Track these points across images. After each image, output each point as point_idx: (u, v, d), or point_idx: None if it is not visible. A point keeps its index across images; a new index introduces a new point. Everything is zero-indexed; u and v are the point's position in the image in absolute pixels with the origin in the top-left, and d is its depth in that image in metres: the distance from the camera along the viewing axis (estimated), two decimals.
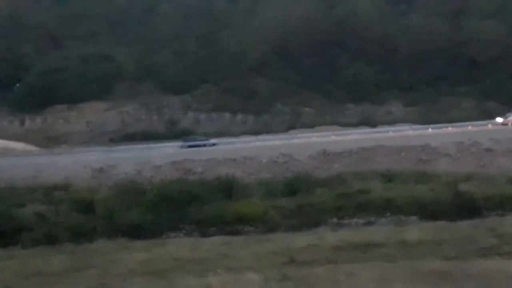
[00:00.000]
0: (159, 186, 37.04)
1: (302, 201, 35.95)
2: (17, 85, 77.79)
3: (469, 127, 50.45)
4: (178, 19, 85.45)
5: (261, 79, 74.92)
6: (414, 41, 74.52)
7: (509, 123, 50.63)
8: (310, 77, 73.79)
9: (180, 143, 55.27)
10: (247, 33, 78.66)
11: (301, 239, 27.38)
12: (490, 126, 50.88)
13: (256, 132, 65.14)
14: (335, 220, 34.21)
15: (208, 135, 61.39)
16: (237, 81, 74.75)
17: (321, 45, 76.31)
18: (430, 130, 50.56)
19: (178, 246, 28.42)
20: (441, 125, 52.39)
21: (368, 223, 33.32)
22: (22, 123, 74.09)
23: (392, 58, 74.94)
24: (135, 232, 31.13)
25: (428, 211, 33.81)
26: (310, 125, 64.94)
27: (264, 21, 79.80)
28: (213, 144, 54.04)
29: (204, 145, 53.69)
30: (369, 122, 64.99)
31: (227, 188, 36.75)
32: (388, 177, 39.91)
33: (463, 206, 33.93)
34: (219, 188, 36.60)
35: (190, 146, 53.66)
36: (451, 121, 55.20)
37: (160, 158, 43.73)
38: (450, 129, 50.65)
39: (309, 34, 76.60)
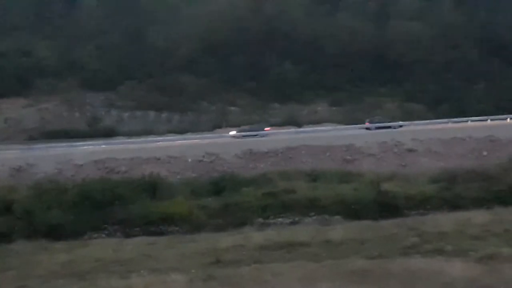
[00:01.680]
0: (80, 186, 36.05)
1: (227, 200, 35.79)
2: None
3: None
4: (102, 13, 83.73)
5: (188, 77, 74.36)
6: (340, 42, 75.62)
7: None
8: (237, 76, 73.80)
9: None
10: (174, 29, 77.92)
11: (227, 239, 27.27)
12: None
13: (181, 131, 64.56)
14: (260, 219, 34.16)
15: (132, 134, 60.38)
16: (162, 79, 73.94)
17: (248, 44, 76.45)
18: (355, 130, 51.19)
19: (101, 247, 27.80)
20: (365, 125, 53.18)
21: (293, 223, 33.44)
22: None
23: (318, 58, 75.79)
24: (56, 232, 30.24)
25: (352, 211, 34.21)
26: (237, 124, 64.89)
27: (191, 17, 79.30)
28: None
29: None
30: (295, 122, 65.45)
31: (151, 188, 36.15)
32: (313, 177, 40.18)
33: (386, 205, 34.48)
34: (143, 188, 35.96)
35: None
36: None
37: (82, 156, 42.58)
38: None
39: (237, 32, 76.65)
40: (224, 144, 46.42)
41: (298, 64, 75.02)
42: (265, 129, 54.36)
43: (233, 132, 52.83)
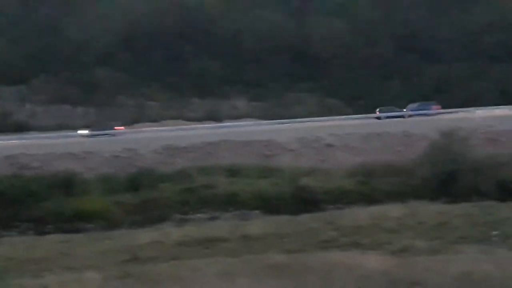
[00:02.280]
0: None
1: (145, 196, 35.38)
2: None
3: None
4: (15, 4, 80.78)
5: (104, 71, 72.78)
6: (260, 37, 75.78)
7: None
8: (155, 70, 72.83)
9: None
10: (90, 22, 76.01)
11: (144, 236, 26.82)
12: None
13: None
14: (179, 215, 33.93)
15: (46, 129, 58.67)
16: (78, 72, 72.02)
17: (167, 38, 75.57)
18: (274, 125, 51.40)
19: (12, 245, 26.85)
20: (285, 120, 53.49)
21: (213, 218, 33.32)
22: None
23: (238, 53, 75.73)
24: None
25: (271, 205, 34.39)
26: (155, 119, 64.09)
27: (109, 10, 77.61)
28: None
29: None
30: (214, 117, 65.26)
31: (66, 184, 35.24)
32: (233, 172, 40.14)
33: (305, 200, 34.84)
34: (57, 184, 35.00)
35: None
36: (294, 116, 56.60)
37: None
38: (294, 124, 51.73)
39: (155, 26, 75.66)
40: (142, 139, 45.71)
41: (218, 59, 74.75)
42: (115, 128, 53.91)
43: (82, 131, 51.89)
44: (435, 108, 56.14)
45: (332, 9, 79.24)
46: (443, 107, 54.90)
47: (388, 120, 51.12)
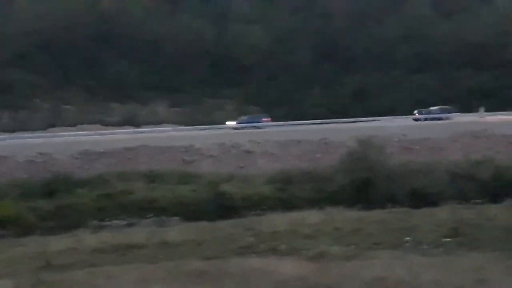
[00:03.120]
0: None
1: (61, 202, 34.63)
2: None
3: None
4: None
5: (19, 73, 70.43)
6: (181, 42, 75.43)
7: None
8: (72, 74, 71.21)
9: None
10: (4, 23, 73.64)
11: (59, 242, 26.09)
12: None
13: (11, 130, 61.16)
14: (96, 222, 33.29)
15: None
16: None
17: (85, 41, 74.10)
18: (194, 131, 51.26)
19: None
20: (205, 126, 53.43)
21: (130, 225, 32.86)
22: None
23: (159, 58, 75.16)
24: None
25: (190, 212, 34.29)
26: (72, 123, 62.69)
27: (24, 11, 75.41)
28: None
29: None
30: (133, 122, 64.44)
31: None
32: (152, 178, 39.86)
33: (224, 206, 34.89)
34: None
35: None
36: (214, 123, 56.62)
37: None
38: (213, 130, 51.75)
39: (73, 29, 73.99)
40: (58, 144, 44.63)
41: (137, 63, 73.89)
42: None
43: None
44: (265, 120, 57.18)
45: (252, 17, 79.75)
46: (361, 116, 56.02)
47: (306, 127, 51.72)
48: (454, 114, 56.81)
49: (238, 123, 55.24)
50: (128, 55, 73.81)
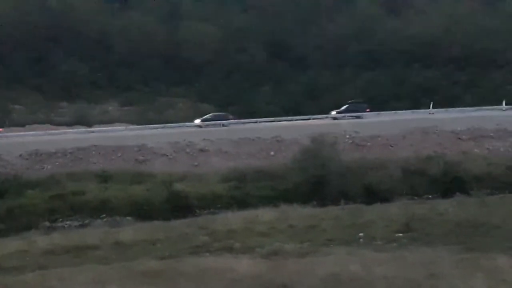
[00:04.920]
0: None
1: (10, 204, 34.09)
2: None
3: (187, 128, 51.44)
4: None
5: None
6: (131, 41, 74.60)
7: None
8: (21, 73, 69.71)
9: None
10: None
11: (9, 245, 25.73)
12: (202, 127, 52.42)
13: None
14: (47, 223, 33.00)
15: None
16: None
17: (33, 39, 72.58)
18: (147, 130, 50.82)
19: None
20: (158, 125, 52.99)
21: (83, 225, 32.64)
22: None
23: (109, 56, 74.22)
24: None
25: (144, 211, 34.15)
26: (21, 124, 61.34)
27: None
28: None
29: None
30: (84, 121, 63.39)
31: None
32: (104, 178, 39.49)
33: (178, 205, 34.79)
34: None
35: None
36: (167, 121, 56.18)
37: None
38: (167, 129, 51.38)
39: (21, 27, 72.44)
40: (7, 145, 43.77)
41: (87, 61, 72.76)
42: None
43: None
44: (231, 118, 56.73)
45: (204, 15, 79.42)
46: (314, 113, 56.25)
47: (261, 125, 51.80)
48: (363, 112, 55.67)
49: (203, 121, 54.85)
50: (78, 53, 72.61)
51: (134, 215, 33.90)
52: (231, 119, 53.49)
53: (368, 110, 55.51)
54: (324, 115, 55.08)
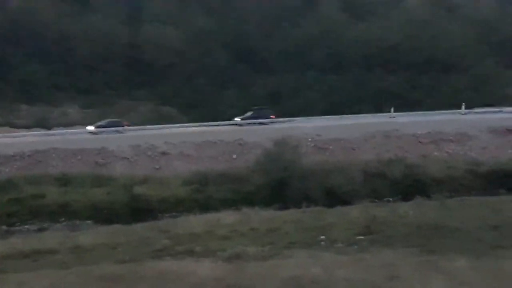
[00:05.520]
0: None
1: None
2: None
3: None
4: None
5: None
6: (92, 43, 73.74)
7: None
8: None
9: None
10: None
11: None
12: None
13: None
14: (5, 227, 32.47)
15: None
16: None
17: None
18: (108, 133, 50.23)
19: None
20: (118, 128, 52.43)
21: (42, 229, 32.15)
22: None
23: (69, 59, 73.19)
24: None
25: (104, 215, 33.83)
26: None
27: None
28: None
29: None
30: (44, 124, 62.46)
31: None
32: (64, 181, 38.97)
33: (139, 209, 34.50)
34: None
35: None
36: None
37: None
38: (129, 132, 50.87)
39: None
40: None
41: (47, 64, 71.67)
42: None
43: None
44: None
45: (166, 18, 78.94)
46: (277, 116, 56.34)
47: (223, 127, 51.70)
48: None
49: (97, 128, 54.22)
50: (37, 55, 71.52)
51: (94, 218, 33.54)
52: (126, 126, 52.85)
53: (273, 116, 55.33)
54: (229, 122, 54.87)
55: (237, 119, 54.97)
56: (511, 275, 17.22)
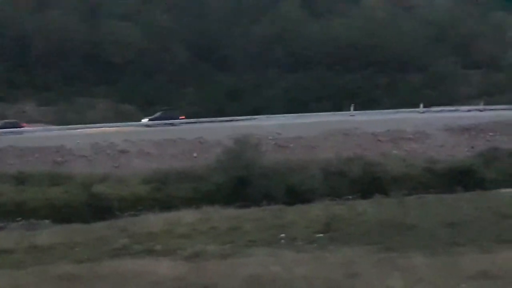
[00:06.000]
0: None
1: None
2: None
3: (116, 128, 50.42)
4: None
5: None
6: (49, 39, 72.59)
7: None
8: None
9: None
10: None
11: None
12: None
13: None
14: None
15: None
16: None
17: None
18: (65, 131, 49.66)
19: None
20: (77, 126, 51.86)
21: None
22: None
23: (26, 55, 72.07)
24: None
25: (62, 214, 33.45)
26: None
27: None
28: None
29: None
30: None
31: None
32: (21, 180, 38.43)
33: (98, 208, 34.19)
34: None
35: None
36: (87, 122, 55.12)
37: None
38: (86, 130, 50.36)
39: None
40: None
41: (3, 60, 70.51)
42: None
43: None
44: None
45: (125, 14, 78.13)
46: (237, 114, 56.37)
47: (183, 126, 51.50)
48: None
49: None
50: None
51: (52, 218, 33.01)
52: (23, 127, 52.51)
53: (182, 117, 55.84)
54: (134, 123, 54.93)
55: (145, 120, 55.03)
56: (466, 271, 17.49)
